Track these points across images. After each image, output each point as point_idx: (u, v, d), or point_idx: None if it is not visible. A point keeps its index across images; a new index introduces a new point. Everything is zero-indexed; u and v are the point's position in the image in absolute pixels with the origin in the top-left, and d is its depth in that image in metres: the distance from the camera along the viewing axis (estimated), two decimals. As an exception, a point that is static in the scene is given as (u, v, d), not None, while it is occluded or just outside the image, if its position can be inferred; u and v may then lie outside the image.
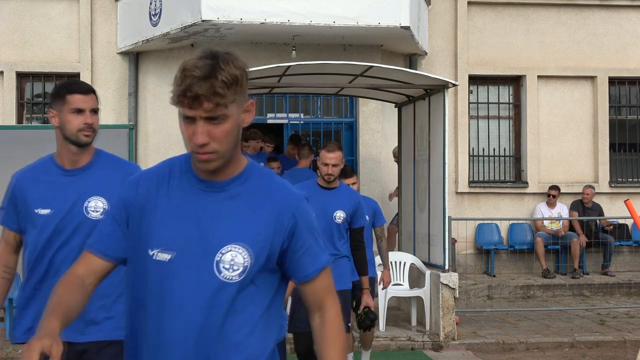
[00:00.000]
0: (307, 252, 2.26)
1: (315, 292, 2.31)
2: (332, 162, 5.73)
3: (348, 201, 5.77)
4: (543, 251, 11.48)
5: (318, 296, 2.31)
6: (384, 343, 8.17)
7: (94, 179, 3.38)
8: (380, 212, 6.95)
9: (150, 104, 11.16)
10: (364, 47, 10.87)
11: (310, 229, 2.28)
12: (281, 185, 2.28)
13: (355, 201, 5.79)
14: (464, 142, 11.89)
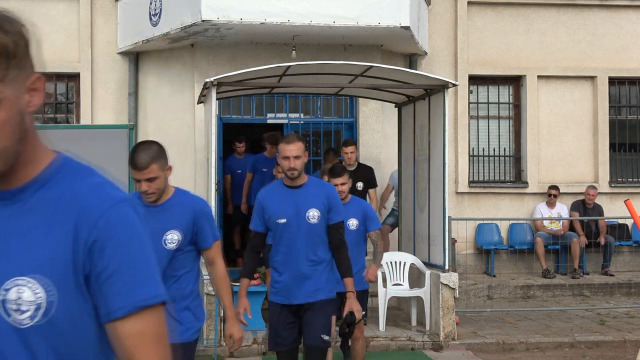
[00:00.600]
0: (113, 278, 1.53)
1: (122, 341, 1.54)
2: (292, 154, 4.85)
3: (319, 196, 4.96)
4: (543, 251, 11.48)
5: (126, 350, 1.54)
6: (384, 343, 8.17)
7: None
8: (373, 215, 6.59)
9: (150, 104, 11.15)
10: (364, 47, 10.87)
11: (123, 247, 1.55)
12: (90, 188, 1.61)
13: (326, 193, 4.99)
14: (464, 142, 11.89)
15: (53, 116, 11.41)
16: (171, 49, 11.04)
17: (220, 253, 4.22)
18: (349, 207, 6.31)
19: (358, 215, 6.44)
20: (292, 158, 4.90)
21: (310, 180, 5.14)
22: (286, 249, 5.01)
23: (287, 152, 4.93)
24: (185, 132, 10.95)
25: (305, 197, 5.01)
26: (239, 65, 10.22)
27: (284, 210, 4.98)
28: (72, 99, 11.41)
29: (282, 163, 4.97)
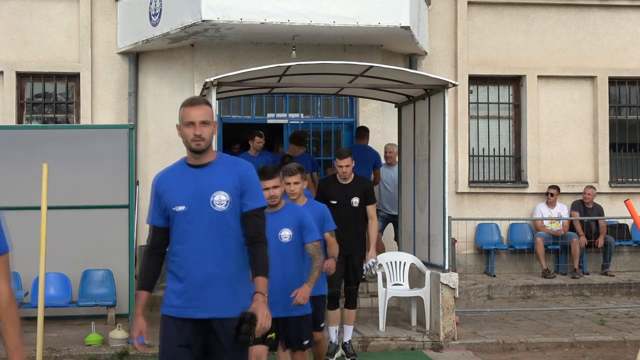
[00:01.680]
0: None
1: None
2: (199, 118, 3.90)
3: (230, 176, 4.01)
4: (543, 251, 11.48)
5: None
6: (384, 343, 8.17)
7: None
8: (310, 224, 5.61)
9: (150, 104, 11.15)
10: (364, 47, 10.87)
11: None
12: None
13: (239, 172, 4.03)
14: (464, 142, 11.89)
15: (53, 116, 11.41)
16: (171, 49, 11.04)
17: (4, 271, 3.06)
18: (282, 215, 5.48)
19: (292, 224, 5.46)
20: (198, 124, 3.86)
21: (222, 157, 4.06)
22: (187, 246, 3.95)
23: (192, 117, 3.87)
24: (185, 132, 10.94)
25: (210, 178, 3.95)
26: (239, 65, 10.23)
27: (183, 196, 3.95)
28: (72, 99, 11.41)
29: (185, 132, 3.91)
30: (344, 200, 7.69)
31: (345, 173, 7.63)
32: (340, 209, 7.52)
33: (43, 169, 5.94)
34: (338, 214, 7.12)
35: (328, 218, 6.19)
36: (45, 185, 5.93)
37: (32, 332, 7.95)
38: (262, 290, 3.84)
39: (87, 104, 11.10)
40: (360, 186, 7.78)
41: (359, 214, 7.76)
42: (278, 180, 5.41)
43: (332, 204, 7.46)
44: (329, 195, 7.72)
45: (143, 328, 3.96)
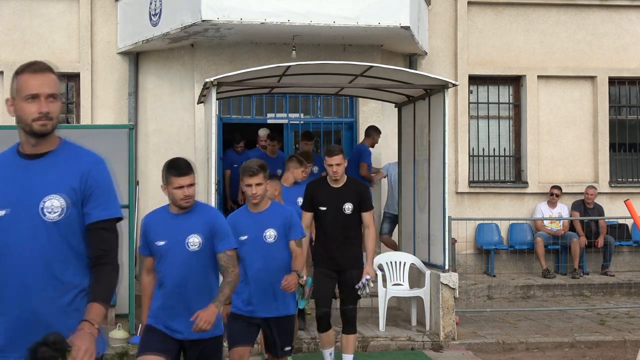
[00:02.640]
0: None
1: None
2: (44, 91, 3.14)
3: (68, 177, 3.07)
4: (543, 251, 11.48)
5: None
6: (384, 343, 8.17)
7: None
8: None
9: (150, 104, 11.15)
10: (363, 47, 10.87)
11: None
12: None
13: (81, 170, 3.05)
14: (464, 142, 11.89)
15: (53, 116, 11.39)
16: (171, 49, 11.04)
17: None
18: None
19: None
20: (44, 98, 3.01)
21: (65, 145, 3.15)
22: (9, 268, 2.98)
23: (36, 89, 3.03)
24: (185, 132, 10.96)
25: (40, 181, 3.01)
26: (239, 65, 10.22)
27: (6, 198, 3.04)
28: (72, 99, 11.41)
29: (23, 108, 3.11)
30: (334, 207, 6.67)
31: (336, 174, 6.61)
32: (330, 216, 6.67)
33: (43, 169, 5.92)
34: (327, 222, 6.70)
35: (295, 224, 5.53)
36: (45, 185, 5.91)
37: (32, 332, 7.95)
38: (92, 319, 2.88)
39: (87, 104, 11.09)
40: (354, 190, 6.71)
41: (352, 222, 6.71)
42: (261, 177, 5.34)
43: (321, 210, 6.70)
44: (317, 200, 6.72)
45: None
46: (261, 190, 5.32)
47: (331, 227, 6.68)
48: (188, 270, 4.49)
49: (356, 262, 6.79)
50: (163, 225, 4.58)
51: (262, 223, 5.44)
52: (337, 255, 6.70)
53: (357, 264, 6.77)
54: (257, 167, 5.27)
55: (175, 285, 4.51)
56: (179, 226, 4.53)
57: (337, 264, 6.72)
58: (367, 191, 6.95)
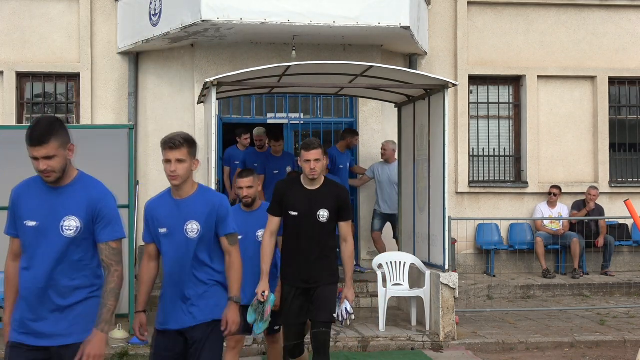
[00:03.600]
0: None
1: None
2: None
3: None
4: (543, 251, 11.48)
5: None
6: (384, 343, 8.17)
7: None
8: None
9: (150, 104, 11.15)
10: (364, 47, 10.87)
11: None
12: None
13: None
14: (464, 142, 11.89)
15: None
16: (171, 49, 11.04)
17: None
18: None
19: None
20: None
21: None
22: None
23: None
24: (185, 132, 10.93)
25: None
26: (239, 65, 10.23)
27: None
28: (72, 99, 11.41)
29: None
30: (307, 212, 5.68)
31: (313, 171, 5.61)
32: (301, 223, 5.67)
33: (43, 169, 5.92)
34: (297, 230, 5.67)
35: (224, 217, 4.49)
36: (45, 185, 5.91)
37: (32, 332, 7.96)
38: None
39: (87, 104, 11.10)
40: (332, 193, 5.72)
41: (327, 232, 5.72)
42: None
43: (291, 215, 5.69)
44: (288, 202, 5.71)
45: None
46: (182, 170, 4.39)
47: (302, 237, 5.65)
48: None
49: (331, 276, 5.74)
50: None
51: (185, 214, 4.50)
52: (307, 271, 5.67)
53: (331, 279, 5.74)
54: (181, 140, 4.45)
55: None
56: None
57: (307, 281, 5.69)
58: (348, 196, 5.89)
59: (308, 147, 5.65)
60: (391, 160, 10.70)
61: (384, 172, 10.75)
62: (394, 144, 10.71)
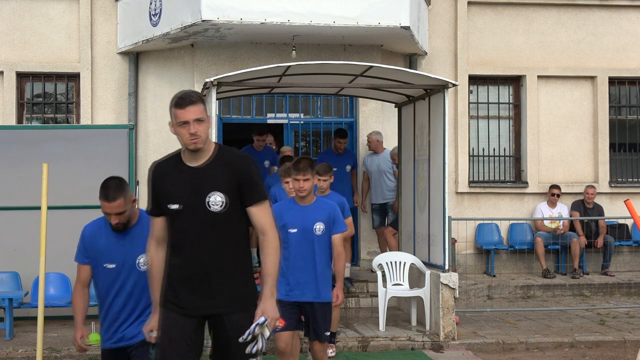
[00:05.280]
0: None
1: None
2: None
3: None
4: (543, 251, 11.48)
5: None
6: (384, 343, 8.17)
7: None
8: None
9: (150, 104, 11.15)
10: (364, 47, 10.87)
11: None
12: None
13: None
14: (464, 142, 11.89)
15: (53, 116, 11.41)
16: (171, 49, 11.04)
17: None
18: None
19: None
20: None
21: None
22: None
23: None
24: (185, 132, 10.94)
25: None
26: (239, 65, 10.23)
27: None
28: (72, 99, 11.41)
29: None
30: (190, 201, 4.10)
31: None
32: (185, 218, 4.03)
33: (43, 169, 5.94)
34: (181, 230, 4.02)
35: None
36: (45, 185, 5.92)
37: (32, 332, 7.98)
38: None
39: (87, 104, 11.10)
40: (226, 167, 4.12)
41: (225, 228, 4.02)
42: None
43: (172, 210, 4.04)
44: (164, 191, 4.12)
45: None
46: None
47: (188, 239, 4.02)
48: None
49: (243, 300, 4.04)
50: None
51: None
52: (200, 291, 4.00)
53: (239, 303, 4.02)
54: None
55: None
56: None
57: (200, 307, 4.01)
58: (252, 166, 4.11)
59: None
60: (379, 150, 10.81)
61: (373, 163, 10.85)
62: (377, 134, 10.79)
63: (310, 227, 5.71)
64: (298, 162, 5.73)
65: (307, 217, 5.72)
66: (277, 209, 5.65)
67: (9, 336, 8.16)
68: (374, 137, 10.82)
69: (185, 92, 4.17)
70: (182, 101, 4.12)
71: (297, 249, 5.69)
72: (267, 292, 3.93)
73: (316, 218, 5.73)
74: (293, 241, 5.68)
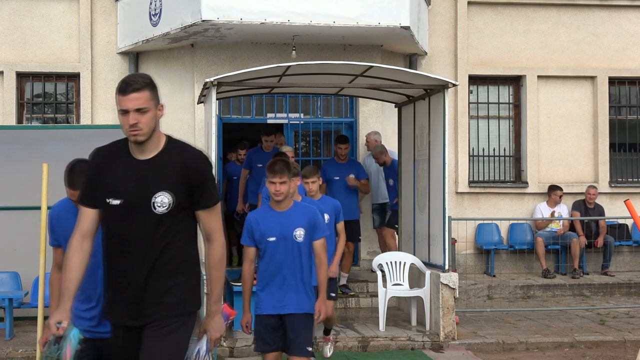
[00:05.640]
0: None
1: None
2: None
3: None
4: (543, 251, 11.48)
5: None
6: (384, 343, 8.17)
7: None
8: None
9: (150, 104, 11.14)
10: (364, 47, 10.88)
11: None
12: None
13: None
14: (464, 142, 11.89)
15: (53, 116, 11.41)
16: (171, 49, 11.04)
17: None
18: None
19: None
20: None
21: None
22: None
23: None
24: (185, 132, 10.95)
25: None
26: (239, 65, 10.23)
27: None
28: (72, 99, 11.41)
29: None
30: (135, 198, 3.67)
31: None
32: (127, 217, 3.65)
33: (43, 169, 5.94)
34: (122, 231, 3.66)
35: None
36: (45, 185, 5.93)
37: (32, 332, 7.98)
38: None
39: (87, 104, 11.10)
40: (175, 163, 3.73)
41: (170, 232, 3.65)
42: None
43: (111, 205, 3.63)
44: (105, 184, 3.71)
45: None
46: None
47: (129, 242, 3.62)
48: None
49: (183, 310, 3.63)
50: None
51: None
52: (136, 299, 3.60)
53: (176, 312, 3.61)
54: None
55: None
56: None
57: (135, 316, 3.61)
58: (205, 164, 3.74)
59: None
60: None
61: (372, 163, 10.78)
62: (375, 134, 10.76)
63: (290, 234, 5.19)
64: (273, 164, 5.25)
65: (285, 223, 5.22)
66: (251, 217, 5.35)
67: (9, 336, 8.16)
68: (372, 137, 10.81)
69: (131, 76, 3.64)
70: (125, 86, 3.54)
71: (278, 258, 5.20)
72: (212, 309, 3.63)
73: (295, 223, 5.22)
74: (273, 250, 5.21)
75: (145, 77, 3.65)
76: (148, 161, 3.60)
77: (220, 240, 3.67)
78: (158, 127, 3.66)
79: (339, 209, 6.95)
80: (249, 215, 5.44)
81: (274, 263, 5.19)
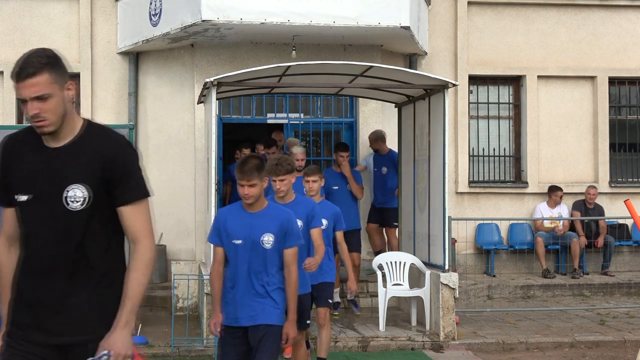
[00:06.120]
0: None
1: None
2: None
3: None
4: (543, 251, 11.48)
5: None
6: (384, 343, 8.17)
7: None
8: None
9: (150, 104, 11.15)
10: (364, 47, 10.87)
11: None
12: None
13: None
14: (464, 142, 11.89)
15: (53, 116, 11.39)
16: (171, 49, 11.04)
17: None
18: None
19: None
20: None
21: None
22: None
23: None
24: (185, 132, 10.96)
25: None
26: (239, 65, 10.23)
27: None
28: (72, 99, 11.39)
29: None
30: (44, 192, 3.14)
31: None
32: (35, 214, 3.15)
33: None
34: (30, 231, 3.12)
35: None
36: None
37: (32, 332, 7.95)
38: None
39: (87, 104, 11.10)
40: (92, 151, 3.16)
41: (86, 233, 3.10)
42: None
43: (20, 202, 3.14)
44: None
45: None
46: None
47: (38, 243, 3.06)
48: None
49: (108, 324, 3.02)
50: None
51: None
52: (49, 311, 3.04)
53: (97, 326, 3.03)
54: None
55: None
56: None
57: (49, 332, 3.03)
58: (129, 153, 3.14)
59: None
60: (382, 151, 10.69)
61: (372, 163, 10.72)
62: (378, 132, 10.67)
63: (257, 239, 4.70)
64: (243, 164, 4.73)
65: (254, 226, 4.73)
66: (220, 214, 4.95)
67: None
68: (372, 136, 10.79)
69: (26, 57, 3.08)
70: (20, 71, 2.98)
71: (243, 264, 4.71)
72: (121, 320, 2.93)
73: (264, 228, 4.71)
74: (238, 254, 4.73)
75: (42, 57, 3.09)
76: (61, 149, 3.01)
77: (147, 242, 3.03)
78: (71, 110, 3.06)
79: (339, 215, 6.56)
80: (219, 211, 5.14)
81: (240, 268, 4.73)
